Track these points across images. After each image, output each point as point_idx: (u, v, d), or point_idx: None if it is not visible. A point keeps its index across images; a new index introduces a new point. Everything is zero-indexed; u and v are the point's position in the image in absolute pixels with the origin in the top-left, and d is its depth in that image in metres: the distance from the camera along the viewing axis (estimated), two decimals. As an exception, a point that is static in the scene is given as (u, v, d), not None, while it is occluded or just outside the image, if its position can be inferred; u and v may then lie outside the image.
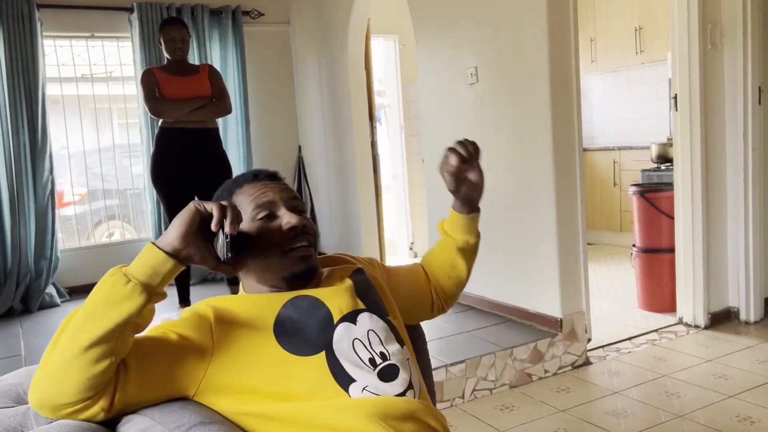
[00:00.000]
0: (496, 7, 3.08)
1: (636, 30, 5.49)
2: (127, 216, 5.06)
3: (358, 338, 1.10)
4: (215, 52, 4.77)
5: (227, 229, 0.98)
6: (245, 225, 1.12)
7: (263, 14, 5.01)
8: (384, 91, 5.83)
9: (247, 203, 1.15)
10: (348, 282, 1.18)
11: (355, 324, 1.11)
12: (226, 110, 3.66)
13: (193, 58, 4.64)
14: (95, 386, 0.93)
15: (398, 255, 5.68)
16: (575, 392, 2.75)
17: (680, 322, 3.49)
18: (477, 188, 1.36)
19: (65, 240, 4.69)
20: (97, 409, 0.95)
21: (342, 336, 1.09)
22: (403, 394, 1.06)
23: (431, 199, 3.74)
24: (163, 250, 0.97)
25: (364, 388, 1.04)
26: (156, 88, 3.49)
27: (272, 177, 1.22)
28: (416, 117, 5.78)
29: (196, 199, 3.70)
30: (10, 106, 4.10)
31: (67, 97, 4.62)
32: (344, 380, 1.04)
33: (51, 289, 4.29)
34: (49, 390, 0.93)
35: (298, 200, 1.20)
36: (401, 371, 1.09)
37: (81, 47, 4.66)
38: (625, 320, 3.61)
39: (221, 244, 1.00)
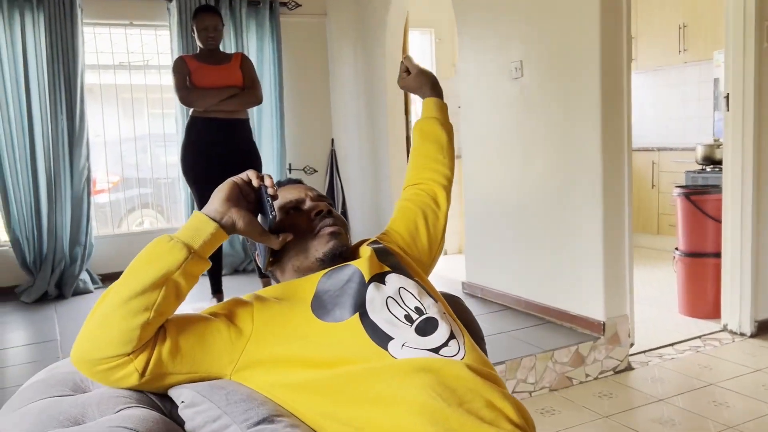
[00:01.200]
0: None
1: (680, 28, 5.34)
2: (159, 205, 5.07)
3: (390, 296, 1.09)
4: (252, 43, 4.75)
5: (269, 190, 1.04)
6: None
7: (300, 5, 4.98)
8: (418, 85, 5.75)
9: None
10: (368, 249, 1.19)
11: (384, 284, 1.11)
12: (257, 100, 3.60)
13: (230, 48, 4.62)
14: (132, 340, 0.93)
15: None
16: (618, 398, 2.67)
17: (724, 329, 3.38)
18: (422, 75, 1.51)
19: (98, 227, 4.71)
20: (131, 369, 0.95)
21: (374, 296, 1.07)
22: (445, 344, 1.03)
23: (468, 192, 3.67)
24: (206, 215, 1.01)
25: (403, 345, 1.01)
26: (187, 76, 3.45)
27: (295, 182, 1.29)
28: (451, 112, 5.69)
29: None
30: (49, 92, 4.13)
31: (103, 86, 4.63)
32: (381, 339, 1.01)
33: (85, 275, 4.31)
34: (89, 342, 0.95)
35: (324, 197, 1.26)
36: (440, 322, 1.07)
37: (119, 35, 4.67)
38: (665, 325, 3.51)
39: (266, 208, 1.04)
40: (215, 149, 3.46)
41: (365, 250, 1.19)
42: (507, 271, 3.38)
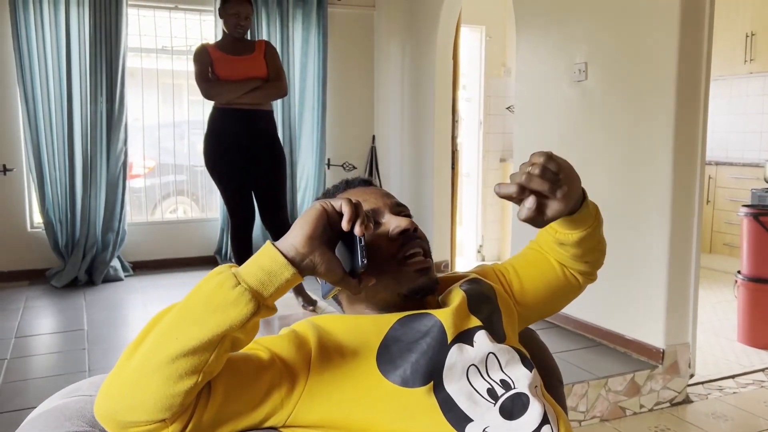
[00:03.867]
0: (616, -2, 2.78)
1: (747, 36, 5.04)
2: (195, 193, 4.97)
3: (474, 364, 0.89)
4: (297, 34, 4.61)
5: (358, 230, 0.81)
6: None
7: (349, -4, 4.81)
8: (465, 84, 5.56)
9: None
10: (459, 294, 0.97)
11: (472, 345, 0.91)
12: (281, 93, 3.41)
13: (276, 38, 4.49)
14: (172, 407, 0.74)
15: (465, 257, 5.42)
16: (676, 434, 2.45)
17: (790, 363, 3.12)
18: (567, 198, 0.87)
19: (132, 213, 4.63)
20: None
21: (455, 360, 0.88)
22: (537, 431, 0.84)
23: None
24: (284, 254, 0.78)
25: (484, 430, 0.83)
26: (209, 67, 3.28)
27: (367, 183, 1.08)
28: (497, 113, 5.50)
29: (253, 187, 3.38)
30: (90, 73, 4.04)
31: (144, 70, 4.54)
32: (458, 420, 0.83)
33: (116, 263, 4.22)
34: (120, 402, 0.75)
35: (402, 205, 1.03)
36: (532, 401, 0.87)
37: (164, 18, 4.57)
38: (724, 354, 3.27)
39: (355, 250, 0.83)
40: (238, 141, 3.31)
41: (455, 295, 0.98)
42: (555, 285, 3.17)
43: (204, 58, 3.29)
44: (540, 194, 0.82)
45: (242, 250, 3.45)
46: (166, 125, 4.69)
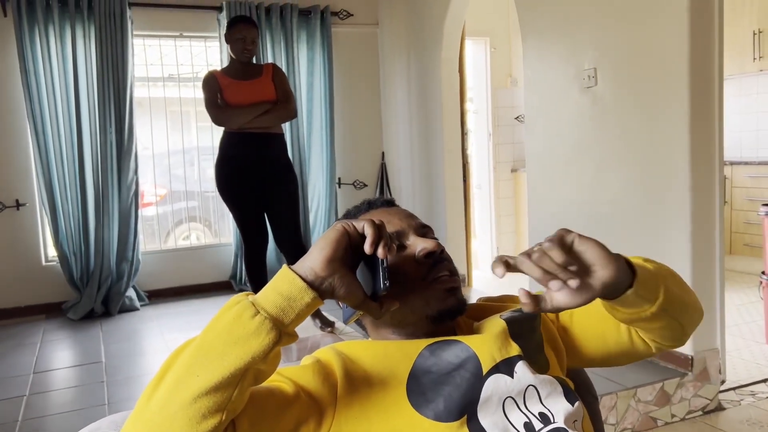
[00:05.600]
0: (622, 1, 2.75)
1: (754, 34, 4.99)
2: (207, 219, 4.97)
3: (512, 396, 0.84)
4: (302, 53, 4.62)
5: (381, 252, 0.77)
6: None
7: (352, 15, 4.82)
8: (472, 97, 5.54)
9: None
10: (500, 323, 0.91)
11: (512, 377, 0.85)
12: (291, 115, 3.39)
13: (281, 59, 4.50)
14: None
15: (480, 269, 5.37)
16: (711, 444, 2.38)
17: (823, 363, 3.03)
18: (583, 291, 0.75)
19: (145, 242, 4.62)
20: None
21: (491, 393, 0.83)
22: None
23: (533, 210, 3.42)
24: (303, 278, 0.74)
25: None
26: (218, 93, 3.28)
27: (390, 204, 1.03)
28: (506, 124, 5.47)
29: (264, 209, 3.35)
30: (99, 104, 4.06)
31: (152, 98, 4.56)
32: None
33: (131, 292, 4.21)
34: None
35: (427, 227, 0.98)
36: None
37: (169, 47, 4.60)
38: (754, 358, 3.18)
39: (377, 273, 0.79)
40: (250, 165, 3.30)
41: (494, 323, 0.92)
42: (576, 295, 3.11)
43: (212, 84, 3.29)
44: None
45: (256, 274, 3.42)
46: (176, 152, 4.70)
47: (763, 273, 3.38)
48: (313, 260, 0.75)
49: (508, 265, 0.71)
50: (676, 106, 2.54)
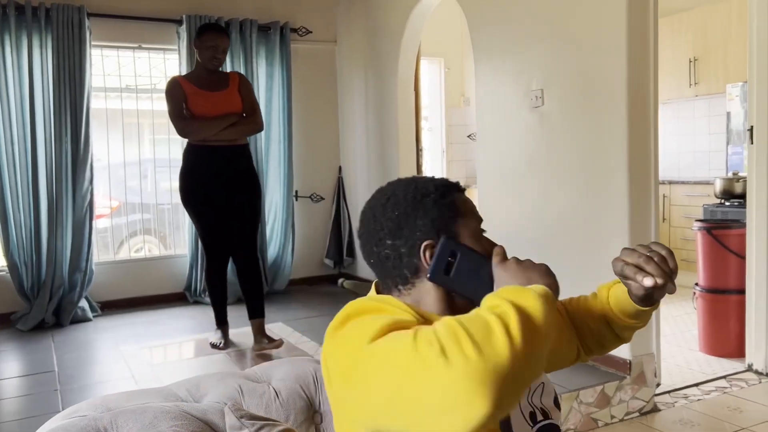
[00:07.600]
0: (568, 27, 2.94)
1: (690, 61, 5.32)
2: (161, 231, 4.95)
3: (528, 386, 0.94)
4: (261, 68, 4.70)
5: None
6: (477, 245, 0.97)
7: (311, 32, 4.94)
8: (427, 115, 5.72)
9: (472, 219, 0.99)
10: None
11: None
12: (258, 128, 3.41)
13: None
14: None
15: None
16: (647, 442, 2.54)
17: (749, 369, 3.25)
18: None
19: (98, 253, 4.58)
20: None
21: None
22: None
23: (484, 225, 3.56)
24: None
25: None
26: (183, 102, 3.24)
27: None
28: (459, 142, 5.66)
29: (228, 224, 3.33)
30: (54, 113, 4.04)
31: (108, 109, 4.55)
32: None
33: (84, 303, 4.17)
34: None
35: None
36: None
37: (127, 58, 4.61)
38: (688, 364, 3.39)
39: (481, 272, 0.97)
40: (215, 178, 3.28)
41: None
42: (524, 305, 3.25)
43: (177, 93, 3.24)
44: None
45: (217, 286, 3.44)
46: (131, 164, 4.69)
47: (696, 284, 3.61)
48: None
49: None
50: (615, 127, 2.72)
